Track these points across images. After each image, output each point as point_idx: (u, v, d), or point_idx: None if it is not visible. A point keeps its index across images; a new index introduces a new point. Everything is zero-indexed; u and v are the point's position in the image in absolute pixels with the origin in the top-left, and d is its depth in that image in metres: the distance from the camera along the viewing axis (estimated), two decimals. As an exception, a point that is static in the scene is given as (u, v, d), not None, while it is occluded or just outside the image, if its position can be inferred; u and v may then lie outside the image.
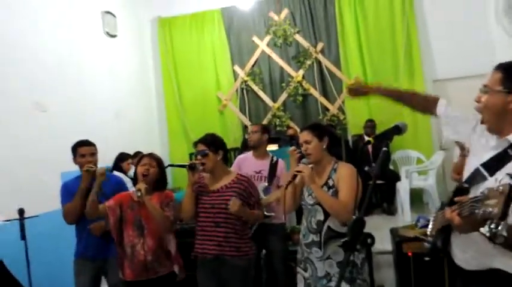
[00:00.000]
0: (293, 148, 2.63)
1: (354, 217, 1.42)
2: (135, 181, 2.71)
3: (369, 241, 1.44)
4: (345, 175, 2.31)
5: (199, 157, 2.51)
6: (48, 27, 4.54)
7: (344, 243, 1.39)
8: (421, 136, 5.99)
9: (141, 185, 2.53)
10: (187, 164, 2.51)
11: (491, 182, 1.41)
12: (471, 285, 1.51)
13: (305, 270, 2.41)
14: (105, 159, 4.34)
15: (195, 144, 2.64)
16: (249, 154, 3.49)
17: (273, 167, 3.35)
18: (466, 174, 1.56)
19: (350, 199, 2.21)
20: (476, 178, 1.46)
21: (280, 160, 3.44)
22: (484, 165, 1.46)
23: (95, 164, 2.84)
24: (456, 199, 1.34)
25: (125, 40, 6.09)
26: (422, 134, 5.99)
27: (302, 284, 2.43)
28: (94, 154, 2.91)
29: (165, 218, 2.53)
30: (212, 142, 2.58)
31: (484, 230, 1.14)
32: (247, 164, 3.39)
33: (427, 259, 3.12)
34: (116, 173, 3.98)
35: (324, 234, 2.30)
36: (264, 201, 3.11)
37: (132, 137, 5.50)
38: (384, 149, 1.53)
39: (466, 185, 1.46)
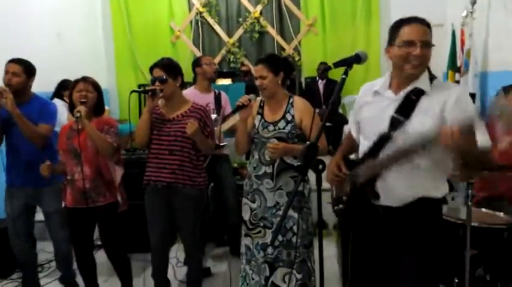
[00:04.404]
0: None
1: (308, 142, 1.42)
2: (72, 108, 2.54)
3: (320, 166, 1.45)
4: (305, 109, 2.36)
5: (157, 83, 2.39)
6: None
7: (297, 167, 1.41)
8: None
9: (82, 108, 2.41)
10: (149, 89, 2.39)
11: (414, 123, 1.57)
12: (399, 218, 1.68)
13: (252, 201, 2.44)
14: (44, 85, 4.00)
15: (151, 68, 2.50)
16: (192, 89, 3.44)
17: (218, 99, 3.45)
18: (372, 134, 1.68)
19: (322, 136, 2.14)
20: (395, 125, 1.61)
21: (222, 92, 3.55)
22: (397, 112, 1.62)
23: (13, 84, 2.60)
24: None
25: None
26: (372, 80, 6.12)
27: (248, 215, 2.46)
28: (16, 73, 2.63)
29: (106, 143, 2.45)
30: (171, 67, 2.47)
31: None
32: (195, 99, 3.34)
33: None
34: (56, 100, 3.72)
35: (277, 166, 2.33)
36: (223, 127, 3.22)
37: (75, 62, 5.05)
38: (343, 76, 1.51)
39: (389, 133, 1.61)
